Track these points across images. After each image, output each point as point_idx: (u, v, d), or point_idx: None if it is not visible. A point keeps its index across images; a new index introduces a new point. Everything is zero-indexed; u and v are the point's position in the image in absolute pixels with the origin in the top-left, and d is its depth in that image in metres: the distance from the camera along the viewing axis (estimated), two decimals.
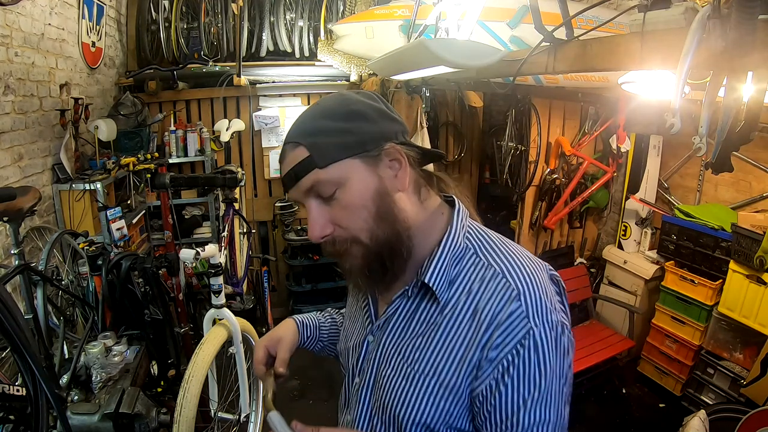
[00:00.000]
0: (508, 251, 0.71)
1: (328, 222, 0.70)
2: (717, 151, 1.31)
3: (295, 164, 0.69)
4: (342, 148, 0.68)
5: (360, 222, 0.69)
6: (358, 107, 0.70)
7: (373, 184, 0.69)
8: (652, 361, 3.14)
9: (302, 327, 0.98)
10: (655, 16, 1.12)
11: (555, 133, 3.47)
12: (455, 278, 0.71)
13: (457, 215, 0.75)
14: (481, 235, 0.74)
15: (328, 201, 0.69)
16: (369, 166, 0.69)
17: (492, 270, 0.68)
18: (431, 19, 2.25)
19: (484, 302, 0.67)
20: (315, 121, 0.70)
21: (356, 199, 0.68)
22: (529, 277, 0.67)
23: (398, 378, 0.73)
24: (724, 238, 2.70)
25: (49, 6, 2.47)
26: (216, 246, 1.91)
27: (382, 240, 0.69)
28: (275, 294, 4.12)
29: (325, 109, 0.71)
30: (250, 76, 3.70)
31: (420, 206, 0.74)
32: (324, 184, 0.68)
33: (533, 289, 0.66)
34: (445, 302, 0.70)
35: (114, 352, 1.80)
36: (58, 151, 2.55)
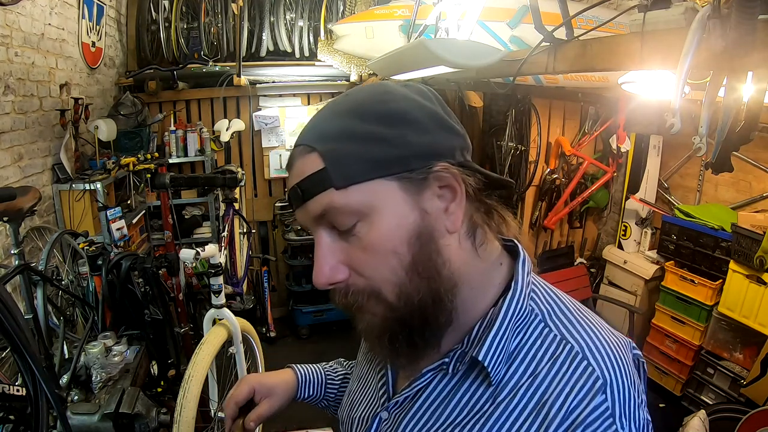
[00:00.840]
0: (587, 321, 0.53)
1: (340, 264, 0.51)
2: (717, 151, 1.31)
3: (303, 177, 0.50)
4: (373, 163, 0.48)
5: (386, 272, 0.49)
6: (404, 106, 0.51)
7: (411, 221, 0.49)
8: (652, 361, 3.14)
9: (303, 384, 0.82)
10: (655, 16, 1.12)
11: (555, 133, 3.48)
12: (516, 353, 0.52)
13: (522, 268, 0.56)
14: (549, 296, 0.56)
15: (344, 235, 0.50)
16: (410, 193, 0.49)
17: (568, 347, 0.50)
18: (431, 19, 2.25)
19: (557, 391, 0.48)
20: (339, 120, 0.51)
21: (384, 239, 0.49)
22: (618, 361, 0.50)
23: None
24: (724, 238, 2.70)
25: (49, 6, 2.47)
26: (216, 246, 1.91)
27: (414, 301, 0.50)
28: (275, 294, 4.12)
29: (357, 103, 0.51)
30: (250, 76, 3.70)
31: (474, 254, 0.54)
32: (341, 212, 0.49)
33: (623, 379, 0.49)
34: (499, 385, 0.51)
35: (114, 352, 1.80)
36: (58, 151, 2.55)
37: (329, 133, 0.50)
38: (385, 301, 0.51)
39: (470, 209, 0.54)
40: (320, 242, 0.52)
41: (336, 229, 0.51)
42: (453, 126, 0.54)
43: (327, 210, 0.49)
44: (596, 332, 0.52)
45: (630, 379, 0.49)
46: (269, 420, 0.76)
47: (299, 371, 0.84)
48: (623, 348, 0.52)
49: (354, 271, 0.51)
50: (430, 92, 0.55)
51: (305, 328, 3.85)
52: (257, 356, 2.18)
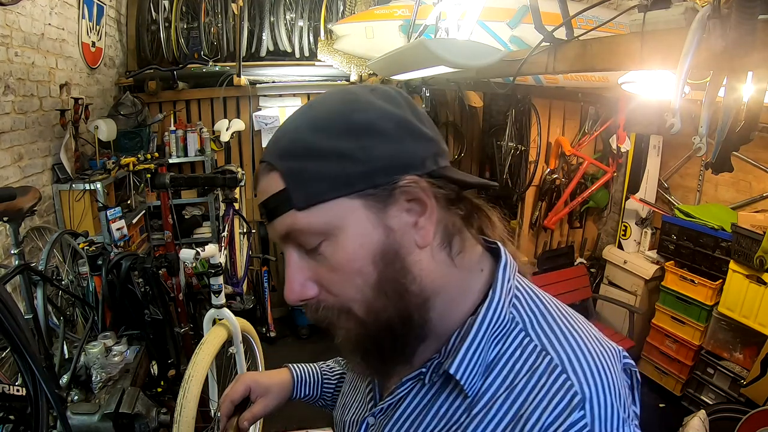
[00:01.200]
0: (572, 329, 0.50)
1: (309, 281, 0.50)
2: (717, 151, 1.31)
3: (267, 197, 0.49)
4: (335, 182, 0.46)
5: (352, 291, 0.48)
6: (367, 117, 0.48)
7: (376, 239, 0.47)
8: (652, 361, 3.14)
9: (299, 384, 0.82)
10: (655, 16, 1.12)
11: (555, 133, 3.48)
12: (494, 364, 0.50)
13: (503, 274, 0.53)
14: (533, 302, 0.53)
15: (311, 253, 0.49)
16: (373, 210, 0.47)
17: (548, 359, 0.48)
18: (431, 19, 2.25)
19: (532, 407, 0.46)
20: (300, 135, 0.48)
21: (349, 259, 0.47)
22: (601, 375, 0.47)
23: None
24: (724, 238, 2.70)
25: (49, 6, 2.47)
26: (216, 246, 1.91)
27: (382, 319, 0.49)
28: (275, 294, 4.11)
29: (319, 115, 0.49)
30: (250, 76, 3.70)
31: (449, 264, 0.52)
32: (303, 233, 0.48)
33: (604, 393, 0.46)
34: (476, 397, 0.49)
35: (114, 352, 1.80)
36: (58, 151, 2.55)
37: (290, 150, 0.48)
38: (356, 317, 0.50)
39: (445, 217, 0.51)
40: (289, 260, 0.51)
41: (300, 248, 0.50)
42: (423, 132, 0.50)
43: (290, 231, 0.48)
44: (580, 342, 0.49)
45: (614, 394, 0.47)
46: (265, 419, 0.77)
47: (295, 371, 0.83)
48: (610, 359, 0.49)
49: (323, 289, 0.50)
50: (400, 96, 0.52)
51: (305, 328, 3.85)
52: (257, 356, 2.18)
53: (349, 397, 0.69)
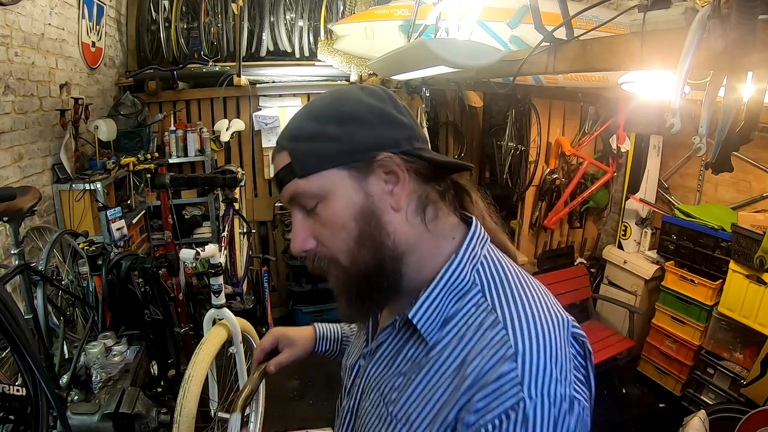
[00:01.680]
0: (524, 298, 0.58)
1: (309, 236, 0.63)
2: (717, 151, 1.31)
3: (278, 170, 0.63)
4: (326, 157, 0.59)
5: (339, 242, 0.61)
6: (353, 108, 0.61)
7: (357, 201, 0.59)
8: (652, 361, 3.14)
9: (320, 339, 0.95)
10: (655, 16, 1.12)
11: (555, 133, 3.48)
12: (451, 318, 0.59)
13: (469, 242, 0.63)
14: (497, 269, 0.61)
15: (310, 213, 0.62)
16: (356, 180, 0.59)
17: (493, 316, 0.56)
18: (431, 19, 2.25)
19: (474, 354, 0.54)
20: (302, 123, 0.63)
21: (336, 217, 0.60)
22: (538, 336, 0.53)
23: (373, 416, 0.65)
24: (724, 238, 2.70)
25: (49, 6, 2.47)
26: (216, 246, 1.91)
27: (361, 266, 0.61)
28: (275, 294, 4.12)
29: (315, 109, 0.63)
30: (250, 76, 3.70)
31: (423, 228, 0.62)
32: (303, 195, 0.61)
33: (538, 352, 0.52)
34: (434, 343, 0.59)
35: (114, 352, 1.80)
36: (58, 151, 2.55)
37: (295, 134, 0.62)
38: (341, 266, 0.62)
39: (420, 189, 0.62)
40: (295, 219, 0.64)
41: (303, 209, 0.62)
42: (400, 120, 0.62)
43: (294, 194, 0.62)
44: (526, 306, 0.56)
45: (549, 354, 0.53)
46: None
47: (318, 328, 0.96)
48: (553, 324, 0.55)
49: (318, 242, 0.62)
50: (384, 93, 0.64)
51: None
52: None
53: (352, 345, 0.82)
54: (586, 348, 0.59)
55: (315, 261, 0.64)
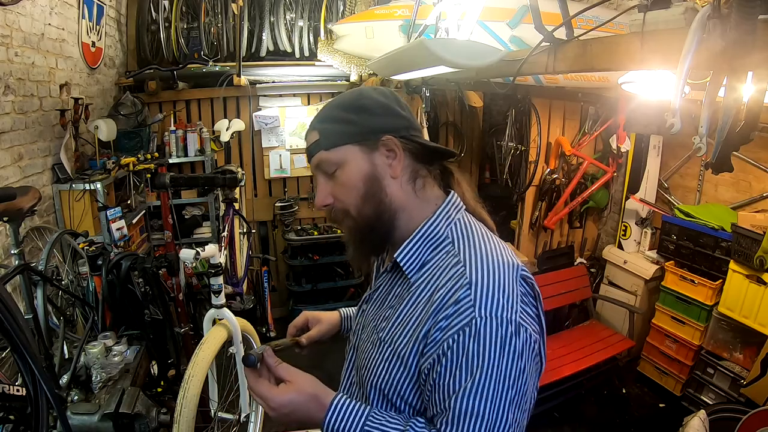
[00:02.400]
0: (483, 246, 0.75)
1: (329, 194, 0.82)
2: (717, 151, 1.30)
3: (309, 144, 0.83)
4: (345, 135, 0.80)
5: (351, 198, 0.80)
6: (366, 102, 0.81)
7: (366, 169, 0.79)
8: (652, 361, 3.14)
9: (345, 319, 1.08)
10: (655, 16, 1.12)
11: (555, 133, 3.48)
12: (427, 262, 0.78)
13: (445, 205, 0.82)
14: (466, 229, 0.79)
15: (330, 177, 0.81)
16: (365, 153, 0.79)
17: (456, 260, 0.74)
18: (431, 19, 2.25)
19: (440, 285, 0.72)
20: (330, 110, 0.83)
21: (350, 179, 0.79)
22: (489, 271, 0.70)
23: (368, 343, 0.83)
24: (724, 238, 2.70)
25: (49, 6, 2.47)
26: (216, 246, 1.91)
27: (366, 217, 0.80)
28: (275, 294, 4.12)
29: (341, 100, 0.84)
30: (250, 76, 3.69)
31: (412, 194, 0.82)
32: (326, 163, 0.81)
33: (488, 282, 0.69)
34: (414, 281, 0.78)
35: (114, 352, 1.80)
36: (58, 151, 2.55)
37: (324, 118, 0.83)
38: (351, 217, 0.82)
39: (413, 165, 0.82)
40: (318, 182, 0.84)
41: (325, 174, 0.82)
42: (400, 114, 0.83)
43: (319, 162, 0.82)
44: (484, 252, 0.74)
45: (498, 286, 0.69)
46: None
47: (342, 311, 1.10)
48: (504, 266, 0.72)
49: (335, 198, 0.82)
50: (391, 94, 0.85)
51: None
52: None
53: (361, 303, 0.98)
54: (535, 289, 0.75)
55: (332, 213, 0.84)
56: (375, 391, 0.78)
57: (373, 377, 0.78)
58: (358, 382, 0.85)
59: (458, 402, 0.65)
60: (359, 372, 0.84)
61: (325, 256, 3.81)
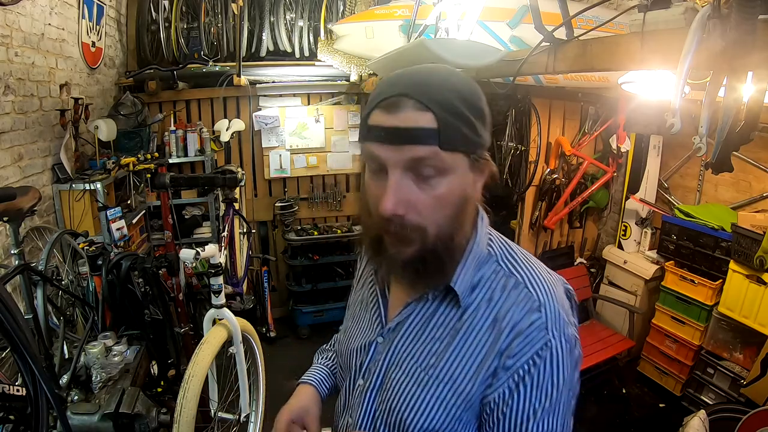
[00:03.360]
0: (528, 262, 0.73)
1: (407, 201, 0.63)
2: (717, 151, 1.30)
3: (415, 126, 0.61)
4: (465, 141, 0.64)
5: (438, 216, 0.65)
6: (484, 107, 0.68)
7: (467, 187, 0.67)
8: (652, 361, 3.14)
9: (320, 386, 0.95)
10: (655, 16, 1.12)
11: (555, 133, 3.47)
12: (477, 284, 0.71)
13: (481, 222, 0.74)
14: (501, 244, 0.75)
15: (418, 180, 0.63)
16: (472, 170, 0.67)
17: (514, 279, 0.69)
18: (431, 19, 2.25)
19: (505, 310, 0.67)
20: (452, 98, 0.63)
21: (450, 194, 0.65)
22: (550, 290, 0.68)
23: (410, 382, 0.71)
24: (724, 238, 2.70)
25: (49, 6, 2.47)
26: (216, 246, 1.91)
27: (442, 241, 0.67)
28: (275, 294, 4.12)
29: (461, 91, 0.65)
30: (250, 76, 3.69)
31: None
32: (433, 164, 0.62)
33: (554, 301, 0.67)
34: (466, 308, 0.70)
35: (114, 352, 1.80)
36: (58, 151, 2.55)
37: (444, 103, 0.62)
38: (425, 236, 0.66)
39: None
40: (396, 178, 0.63)
41: (412, 173, 0.63)
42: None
43: (425, 158, 0.62)
44: (533, 269, 0.71)
45: (560, 303, 0.68)
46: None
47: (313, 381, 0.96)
48: (555, 282, 0.71)
49: (414, 209, 0.64)
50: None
51: (305, 328, 3.85)
52: (257, 356, 2.18)
53: (353, 330, 0.85)
54: (573, 299, 0.74)
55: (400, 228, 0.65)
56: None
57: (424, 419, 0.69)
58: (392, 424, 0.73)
59: (535, 424, 0.64)
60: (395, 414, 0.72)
61: (325, 256, 3.81)
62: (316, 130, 3.92)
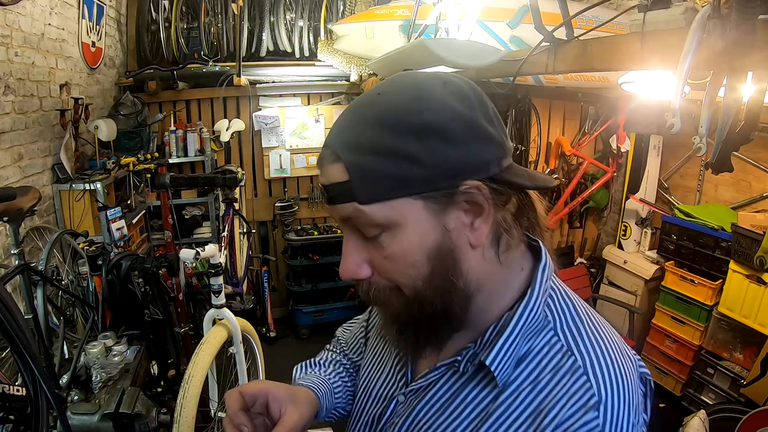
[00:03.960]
0: (598, 334, 0.54)
1: (365, 262, 0.53)
2: (717, 151, 1.30)
3: (329, 183, 0.50)
4: (399, 182, 0.47)
5: (404, 280, 0.51)
6: (437, 116, 0.47)
7: (433, 238, 0.49)
8: (652, 361, 3.14)
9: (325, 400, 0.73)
10: (655, 16, 1.12)
11: (555, 133, 3.48)
12: (524, 357, 0.53)
13: (541, 274, 0.55)
14: (564, 302, 0.56)
15: (369, 239, 0.51)
16: (433, 212, 0.48)
17: (572, 360, 0.51)
18: (431, 19, 2.25)
19: (553, 402, 0.49)
20: (366, 128, 0.48)
21: (405, 253, 0.50)
22: (618, 380, 0.50)
23: None
24: (724, 238, 2.70)
25: (49, 6, 2.47)
26: (216, 246, 1.91)
27: (426, 308, 0.52)
28: (275, 294, 4.12)
29: (389, 111, 0.48)
30: (250, 76, 3.69)
31: (496, 262, 0.53)
32: (363, 223, 0.50)
33: (619, 399, 0.49)
34: (504, 385, 0.53)
35: (114, 352, 1.80)
36: (58, 151, 2.55)
37: (356, 143, 0.48)
38: (404, 296, 0.53)
39: (497, 215, 0.51)
40: (347, 240, 0.53)
41: (357, 232, 0.52)
42: (491, 134, 0.49)
43: (350, 218, 0.50)
44: (603, 348, 0.52)
45: (628, 400, 0.49)
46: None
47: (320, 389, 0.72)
48: (629, 367, 0.52)
49: (376, 269, 0.53)
50: (473, 93, 0.50)
51: (305, 328, 3.85)
52: (257, 356, 2.18)
53: (374, 370, 0.70)
54: (649, 386, 0.57)
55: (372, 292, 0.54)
56: None
57: None
58: None
59: None
60: None
61: (325, 256, 3.81)
62: (316, 130, 3.92)
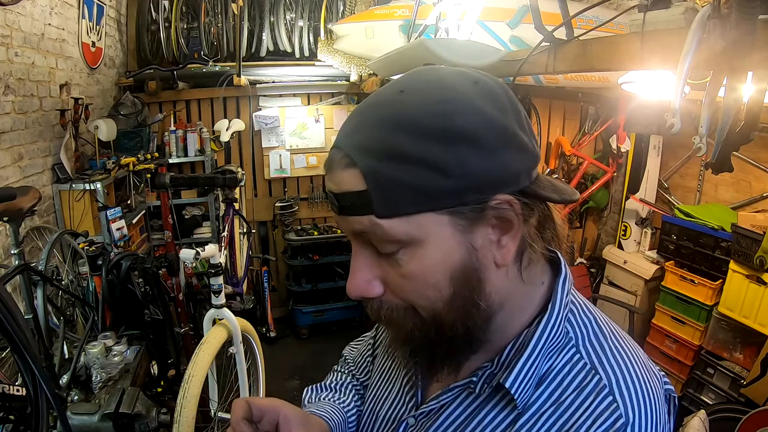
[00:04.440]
0: (622, 350, 0.50)
1: (376, 279, 0.48)
2: (717, 151, 1.30)
3: (342, 191, 0.45)
4: (423, 195, 0.42)
5: (422, 301, 0.47)
6: (471, 121, 0.42)
7: (458, 257, 0.45)
8: (652, 361, 3.14)
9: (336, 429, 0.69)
10: (655, 16, 1.12)
11: (555, 133, 3.48)
12: (545, 377, 0.49)
13: (562, 288, 0.52)
14: (586, 317, 0.52)
15: (384, 256, 0.46)
16: (459, 229, 0.44)
17: (596, 378, 0.47)
18: (431, 19, 2.25)
19: (577, 424, 0.46)
20: (388, 131, 0.42)
21: (426, 273, 0.45)
22: (646, 400, 0.47)
23: None
24: (724, 238, 2.70)
25: (49, 6, 2.47)
26: (216, 246, 1.91)
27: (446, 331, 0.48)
28: (275, 294, 4.12)
29: (413, 112, 0.42)
30: (250, 76, 3.70)
31: (518, 279, 0.50)
32: (381, 239, 0.45)
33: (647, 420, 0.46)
34: (524, 407, 0.49)
35: (114, 352, 1.80)
36: (58, 151, 2.55)
37: (374, 147, 0.42)
38: (420, 318, 0.48)
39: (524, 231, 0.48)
40: (357, 254, 0.48)
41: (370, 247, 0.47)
42: (524, 143, 0.45)
43: (366, 232, 0.45)
44: (629, 365, 0.49)
45: (656, 421, 0.47)
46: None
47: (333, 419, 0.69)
48: (656, 384, 0.50)
49: (389, 289, 0.48)
50: (505, 96, 0.46)
51: (305, 328, 3.85)
52: (257, 356, 2.18)
53: (382, 390, 0.67)
54: (673, 404, 0.54)
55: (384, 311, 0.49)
56: None
57: None
58: None
59: None
60: None
61: (325, 256, 3.81)
62: (316, 130, 3.92)
